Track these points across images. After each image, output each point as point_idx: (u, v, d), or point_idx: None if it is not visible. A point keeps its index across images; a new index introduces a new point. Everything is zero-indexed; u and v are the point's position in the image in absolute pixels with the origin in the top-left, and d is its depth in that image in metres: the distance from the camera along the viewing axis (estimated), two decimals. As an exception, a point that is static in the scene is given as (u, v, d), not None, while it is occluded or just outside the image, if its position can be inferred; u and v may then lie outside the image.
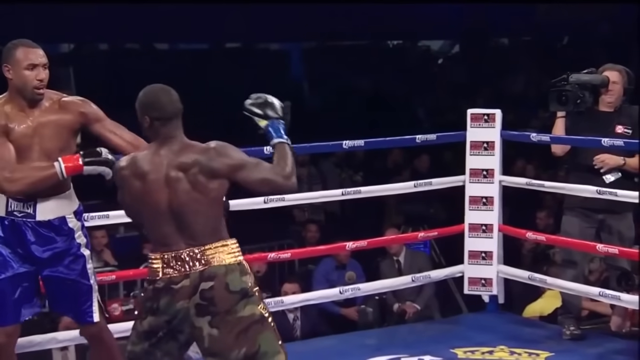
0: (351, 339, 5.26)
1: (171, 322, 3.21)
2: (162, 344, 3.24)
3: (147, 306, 3.22)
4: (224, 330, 3.17)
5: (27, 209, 3.47)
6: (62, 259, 3.54)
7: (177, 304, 3.18)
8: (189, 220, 3.20)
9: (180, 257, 3.19)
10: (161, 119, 3.24)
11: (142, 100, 3.27)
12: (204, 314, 3.17)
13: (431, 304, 7.10)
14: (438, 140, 5.36)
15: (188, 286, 3.18)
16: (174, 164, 3.22)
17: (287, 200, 4.98)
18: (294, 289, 6.42)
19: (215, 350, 3.18)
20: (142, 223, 3.30)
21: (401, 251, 7.10)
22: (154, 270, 3.22)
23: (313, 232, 7.71)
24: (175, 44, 12.76)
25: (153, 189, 3.20)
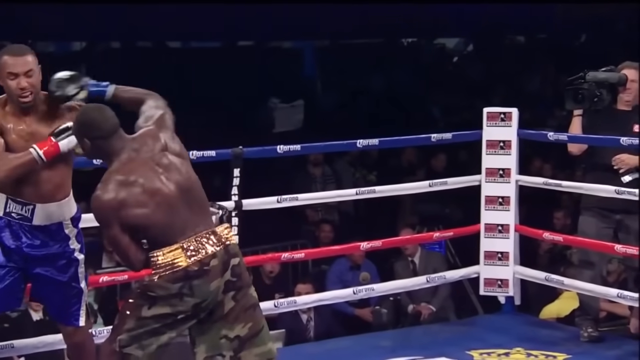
0: (365, 340, 5.24)
1: (199, 305, 3.25)
2: (177, 324, 3.28)
3: (173, 292, 3.22)
4: (241, 302, 3.29)
5: (25, 212, 3.44)
6: (54, 260, 3.51)
7: (212, 285, 3.24)
8: (198, 197, 3.31)
9: (201, 240, 3.24)
10: (101, 137, 3.26)
11: (79, 123, 3.31)
12: (230, 289, 3.27)
13: (446, 305, 7.05)
14: (453, 140, 5.32)
15: (217, 264, 3.24)
16: (154, 155, 3.28)
17: (301, 200, 4.95)
18: (308, 289, 6.39)
19: (227, 318, 3.29)
20: (150, 236, 3.25)
21: (416, 251, 7.05)
22: (175, 262, 3.22)
23: (327, 232, 7.67)
24: (187, 42, 12.73)
25: (157, 186, 3.23)
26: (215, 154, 4.48)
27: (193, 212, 3.28)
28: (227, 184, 4.63)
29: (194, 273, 3.23)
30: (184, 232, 3.24)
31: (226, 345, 3.31)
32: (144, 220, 3.22)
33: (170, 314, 3.26)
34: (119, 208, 3.20)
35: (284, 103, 10.93)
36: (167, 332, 3.29)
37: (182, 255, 3.23)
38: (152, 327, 3.27)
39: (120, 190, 3.20)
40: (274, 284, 6.93)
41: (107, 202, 3.20)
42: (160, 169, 3.27)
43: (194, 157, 4.35)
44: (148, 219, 3.22)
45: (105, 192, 3.20)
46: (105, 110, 3.32)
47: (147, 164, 3.26)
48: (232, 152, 4.51)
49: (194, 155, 4.35)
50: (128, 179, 3.22)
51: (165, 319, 3.27)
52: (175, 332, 3.32)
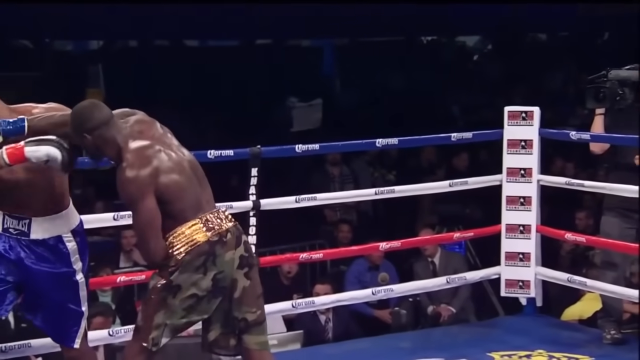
0: (384, 342, 5.20)
1: (217, 278, 3.30)
2: (202, 304, 3.32)
3: (197, 265, 3.28)
4: (253, 283, 3.37)
5: (21, 226, 3.37)
6: (54, 281, 3.42)
7: (226, 255, 3.31)
8: (204, 178, 3.38)
9: (217, 215, 3.35)
10: (99, 126, 3.25)
11: (73, 121, 3.27)
12: (243, 265, 3.34)
13: (466, 306, 7.00)
14: (474, 139, 5.27)
15: (232, 238, 3.34)
16: (160, 134, 3.34)
17: (319, 200, 4.90)
18: (326, 290, 6.35)
19: (243, 301, 3.35)
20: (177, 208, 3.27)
21: (436, 252, 7.01)
22: (195, 237, 3.28)
23: (345, 233, 7.64)
24: (205, 41, 12.71)
25: (177, 158, 3.30)
26: (233, 153, 4.44)
27: (203, 189, 3.36)
28: (244, 184, 4.59)
29: (214, 244, 3.30)
30: (200, 208, 3.32)
31: (237, 325, 3.38)
32: (176, 188, 3.27)
33: (195, 294, 3.30)
34: (156, 175, 3.23)
35: (302, 102, 10.89)
36: (196, 316, 3.33)
37: (201, 230, 3.30)
38: (181, 314, 3.31)
39: (152, 160, 3.24)
40: (292, 285, 6.90)
41: (142, 172, 3.21)
42: (168, 141, 3.34)
43: (211, 156, 4.32)
44: (180, 186, 3.28)
45: (137, 164, 3.22)
46: (95, 101, 3.34)
47: (160, 140, 3.32)
48: (250, 152, 4.47)
49: (212, 154, 4.32)
50: (152, 150, 3.26)
51: (192, 301, 3.30)
52: (198, 314, 3.33)
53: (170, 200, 3.26)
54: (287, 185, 7.51)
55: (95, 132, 3.25)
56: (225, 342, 3.40)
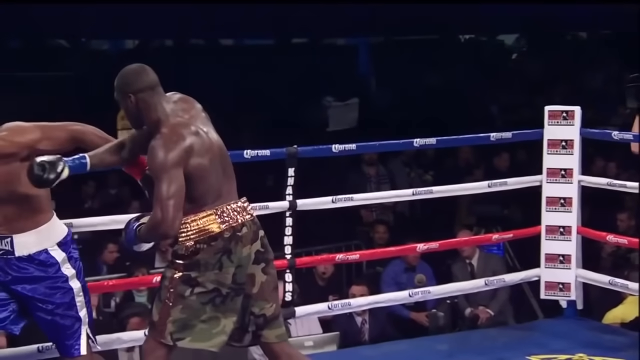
0: (422, 344, 5.13)
1: (235, 273, 3.29)
2: (226, 303, 3.30)
3: (213, 261, 3.26)
4: (270, 278, 3.37)
5: (4, 245, 3.32)
6: (47, 293, 3.38)
7: (243, 250, 3.29)
8: (230, 168, 3.35)
9: (234, 207, 3.31)
10: (146, 88, 3.26)
11: (121, 82, 3.29)
12: (260, 261, 3.34)
13: (505, 309, 6.93)
14: (513, 139, 5.18)
15: (248, 232, 3.31)
16: (197, 115, 3.32)
17: (356, 200, 4.84)
18: (362, 291, 6.29)
19: (261, 296, 3.35)
20: (197, 192, 3.25)
21: (474, 253, 6.94)
22: (209, 227, 3.26)
23: (381, 233, 7.59)
24: (240, 40, 12.71)
25: (208, 142, 3.28)
26: (269, 153, 4.39)
27: (226, 178, 3.33)
28: (280, 184, 4.54)
29: (228, 239, 3.28)
30: (220, 196, 3.29)
31: (254, 322, 3.37)
32: (202, 171, 3.25)
33: (214, 289, 3.28)
34: (188, 153, 3.21)
35: (338, 101, 10.84)
36: (215, 312, 3.29)
37: (215, 221, 3.27)
38: (199, 309, 3.28)
39: (186, 138, 3.21)
40: (327, 286, 6.85)
41: (175, 146, 3.18)
42: (204, 127, 3.31)
43: (248, 156, 4.28)
44: (206, 170, 3.26)
45: (172, 139, 3.19)
46: (144, 65, 3.33)
47: (197, 121, 3.30)
48: (287, 151, 4.42)
49: (248, 154, 4.28)
50: (188, 130, 3.23)
51: (210, 296, 3.28)
52: (224, 314, 3.31)
53: (194, 182, 3.23)
54: (323, 185, 7.45)
55: (140, 95, 3.26)
56: (240, 336, 3.39)
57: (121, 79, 3.30)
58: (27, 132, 3.29)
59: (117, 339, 4.17)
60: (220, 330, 3.32)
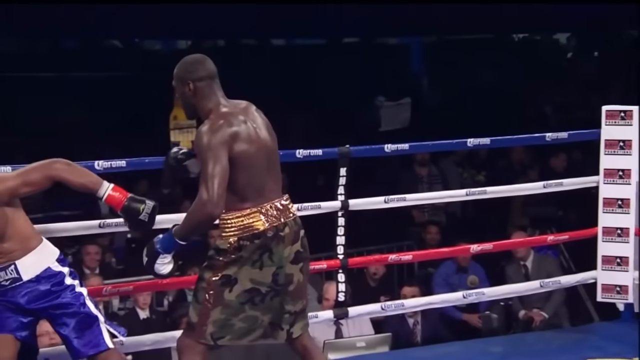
0: (475, 346, 5.08)
1: (276, 274, 3.33)
2: (265, 301, 3.34)
3: (253, 259, 3.29)
4: (305, 277, 3.42)
5: (10, 274, 3.42)
6: (61, 302, 3.47)
7: (285, 251, 3.33)
8: (276, 167, 3.39)
9: (277, 206, 3.33)
10: (205, 77, 3.35)
11: (181, 69, 3.38)
12: (298, 261, 3.38)
13: (560, 311, 6.84)
14: (570, 139, 5.10)
15: (289, 233, 3.35)
16: (248, 110, 3.38)
17: (409, 200, 4.80)
18: (414, 292, 6.26)
19: (296, 294, 3.40)
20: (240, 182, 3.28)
21: (528, 255, 6.86)
22: (253, 225, 3.29)
23: (433, 234, 7.54)
24: (292, 40, 12.71)
25: (255, 135, 3.32)
26: (321, 153, 4.37)
27: (271, 176, 3.36)
28: (330, 184, 4.52)
29: (271, 238, 3.31)
30: (263, 193, 3.31)
31: (287, 319, 3.42)
32: (246, 160, 3.28)
33: (253, 288, 3.32)
34: (233, 138, 3.26)
35: (390, 101, 10.79)
36: (254, 311, 3.33)
37: (260, 219, 3.30)
38: (238, 309, 3.31)
39: (233, 125, 3.29)
40: (379, 286, 6.82)
41: (221, 129, 3.25)
42: (255, 123, 3.36)
43: (300, 155, 4.27)
44: (249, 160, 3.29)
45: (219, 123, 3.27)
46: (204, 55, 3.43)
47: (248, 114, 3.36)
48: (339, 151, 4.40)
49: (300, 153, 4.26)
50: (237, 119, 3.31)
51: (249, 295, 3.31)
52: (262, 312, 3.34)
53: (236, 170, 3.27)
54: (375, 185, 7.43)
55: (200, 83, 3.35)
56: (272, 333, 3.42)
57: (182, 66, 3.39)
58: (7, 180, 3.42)
59: (171, 338, 4.17)
60: (257, 326, 3.37)
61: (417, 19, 11.14)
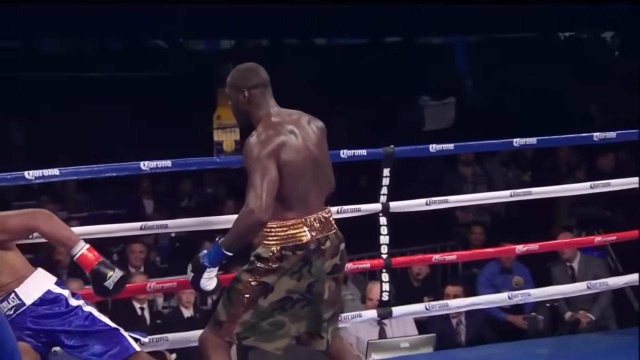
0: (520, 348, 5.03)
1: (312, 285, 3.37)
2: (295, 308, 3.38)
3: (293, 271, 3.33)
4: (339, 285, 3.48)
5: (12, 302, 3.42)
6: (71, 322, 3.46)
7: (325, 265, 3.37)
8: (323, 182, 3.41)
9: (321, 219, 3.37)
10: (259, 85, 3.39)
11: (236, 76, 3.42)
12: (334, 272, 3.42)
13: (607, 313, 6.74)
14: (617, 139, 5.01)
15: (330, 247, 3.38)
16: (299, 119, 3.39)
17: (451, 202, 4.75)
18: (457, 292, 6.20)
19: (330, 302, 3.43)
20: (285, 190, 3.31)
21: (575, 256, 6.78)
22: (296, 236, 3.33)
23: (478, 234, 7.48)
24: (334, 39, 12.69)
25: (303, 145, 3.35)
26: (366, 153, 4.35)
27: (316, 188, 3.38)
28: (374, 183, 4.49)
29: (312, 251, 3.34)
30: (307, 205, 3.34)
31: (325, 328, 3.45)
32: (292, 168, 3.31)
33: (286, 297, 3.36)
34: (280, 147, 3.29)
35: (434, 100, 10.73)
36: (282, 316, 3.38)
37: (304, 231, 3.33)
38: (268, 314, 3.37)
39: (280, 135, 3.32)
40: (422, 287, 6.78)
41: (268, 139, 3.29)
42: (304, 133, 3.38)
43: (344, 155, 4.24)
44: (295, 169, 3.30)
45: (266, 133, 3.30)
46: (258, 64, 3.47)
47: (297, 124, 3.38)
48: (384, 151, 4.36)
49: (345, 154, 4.25)
50: (285, 128, 3.34)
51: (281, 303, 3.36)
52: (290, 319, 3.39)
53: (282, 180, 3.28)
54: (418, 185, 7.38)
55: (254, 91, 3.39)
56: (308, 340, 3.47)
57: (236, 73, 3.43)
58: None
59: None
60: (284, 333, 3.40)
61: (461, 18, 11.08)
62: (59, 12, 8.93)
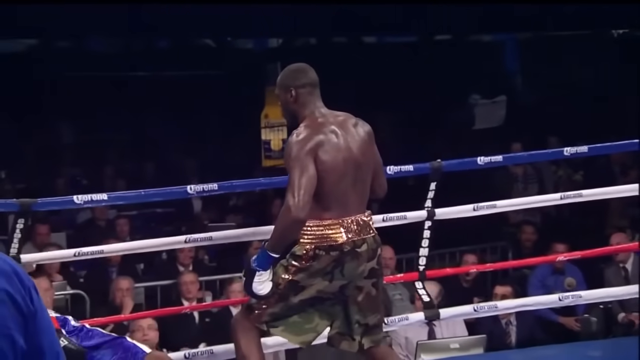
0: (573, 350, 4.99)
1: (345, 286, 3.39)
2: (325, 305, 3.43)
3: (325, 271, 3.35)
4: (378, 292, 3.46)
5: None
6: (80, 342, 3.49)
7: (359, 268, 3.39)
8: (365, 185, 3.42)
9: (359, 222, 3.38)
10: (307, 85, 3.43)
11: (285, 76, 3.48)
12: (372, 276, 3.43)
13: (662, 315, 6.59)
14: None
15: (367, 250, 3.39)
16: (344, 122, 3.41)
17: (498, 207, 4.67)
18: (506, 291, 6.10)
19: (367, 307, 3.44)
20: (324, 189, 3.33)
21: (628, 257, 6.69)
22: (332, 236, 3.34)
23: (529, 234, 7.40)
24: (383, 37, 12.62)
25: (344, 145, 3.36)
26: (413, 169, 4.28)
27: (357, 190, 3.39)
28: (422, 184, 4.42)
29: (346, 253, 3.35)
30: (346, 207, 3.36)
31: (357, 330, 3.46)
32: (331, 168, 3.32)
33: (316, 297, 3.40)
34: (318, 145, 3.32)
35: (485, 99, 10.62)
36: (313, 311, 3.44)
37: (340, 232, 3.34)
38: (298, 309, 3.43)
39: (320, 134, 3.35)
40: (472, 287, 6.70)
41: (308, 138, 3.32)
42: (348, 135, 3.40)
43: (391, 172, 4.14)
44: (334, 168, 3.32)
45: (306, 132, 3.34)
46: (307, 65, 3.52)
47: (340, 125, 3.41)
48: (431, 166, 4.28)
49: (391, 170, 4.14)
50: (327, 128, 3.37)
51: (312, 301, 3.41)
52: (319, 314, 3.44)
53: (320, 179, 3.30)
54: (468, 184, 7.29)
55: (301, 90, 3.43)
56: (338, 342, 3.50)
57: (286, 73, 3.49)
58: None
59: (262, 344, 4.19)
60: (311, 328, 3.46)
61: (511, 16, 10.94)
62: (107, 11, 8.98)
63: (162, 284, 6.58)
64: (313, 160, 3.29)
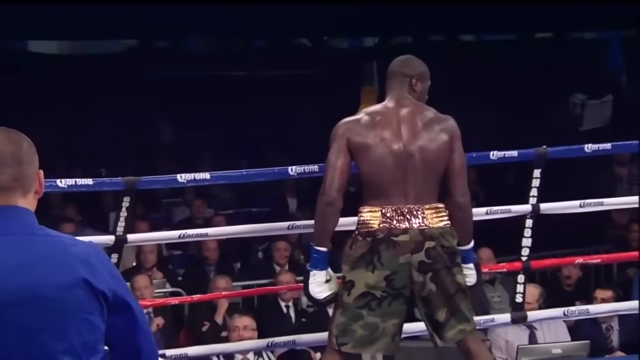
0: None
1: (390, 278, 3.33)
2: (383, 306, 3.35)
3: (365, 260, 3.34)
4: (441, 287, 3.37)
5: None
6: None
7: (400, 258, 3.33)
8: (422, 174, 3.36)
9: (401, 211, 3.33)
10: (397, 74, 3.54)
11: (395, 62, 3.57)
12: (426, 270, 3.35)
13: None
14: None
15: (408, 241, 3.34)
16: (412, 120, 3.41)
17: (606, 205, 4.56)
18: (606, 296, 5.91)
19: (428, 302, 3.38)
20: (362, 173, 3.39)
21: None
22: (368, 222, 3.35)
23: (636, 233, 7.11)
24: (481, 35, 12.44)
25: (392, 137, 3.37)
26: (517, 154, 4.17)
27: (406, 182, 3.35)
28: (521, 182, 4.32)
29: (380, 240, 3.32)
30: (388, 196, 3.34)
31: (426, 325, 3.43)
32: (375, 155, 3.34)
33: (367, 292, 3.33)
34: (349, 130, 3.40)
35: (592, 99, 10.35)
36: (372, 317, 3.34)
37: (378, 218, 3.34)
38: (357, 315, 3.35)
39: (367, 119, 3.41)
40: (574, 291, 6.52)
41: (344, 124, 3.43)
42: (405, 125, 3.40)
43: (494, 157, 4.08)
44: (380, 156, 3.34)
45: (354, 117, 3.45)
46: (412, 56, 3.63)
47: (405, 116, 3.42)
48: (536, 152, 4.17)
49: (495, 155, 4.08)
50: (379, 118, 3.42)
51: (365, 300, 3.34)
52: (382, 319, 3.34)
53: (360, 164, 3.37)
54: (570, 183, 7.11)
55: (391, 77, 3.51)
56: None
57: (397, 60, 3.57)
58: None
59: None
60: (380, 334, 3.37)
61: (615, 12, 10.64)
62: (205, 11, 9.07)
63: (259, 282, 6.59)
64: (346, 144, 3.37)
